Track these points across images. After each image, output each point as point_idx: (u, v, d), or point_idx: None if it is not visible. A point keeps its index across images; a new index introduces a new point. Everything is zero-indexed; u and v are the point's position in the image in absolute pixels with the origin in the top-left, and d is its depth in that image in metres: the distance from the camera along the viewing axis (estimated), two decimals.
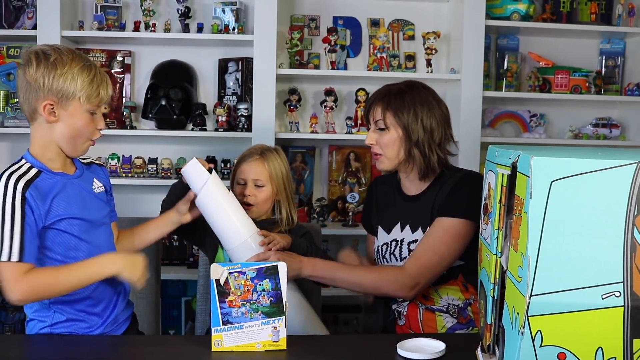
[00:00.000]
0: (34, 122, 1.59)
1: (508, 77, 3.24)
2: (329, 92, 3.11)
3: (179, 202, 1.82)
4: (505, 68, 3.28)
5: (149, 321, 2.10)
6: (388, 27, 3.25)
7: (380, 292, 1.87)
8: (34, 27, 2.91)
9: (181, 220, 1.83)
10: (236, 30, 3.00)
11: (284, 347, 1.48)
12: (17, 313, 2.83)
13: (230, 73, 3.14)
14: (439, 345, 1.47)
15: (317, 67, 3.18)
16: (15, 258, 1.49)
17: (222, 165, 3.05)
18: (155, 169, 3.02)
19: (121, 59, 3.15)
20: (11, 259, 1.49)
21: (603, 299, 1.05)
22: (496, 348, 1.27)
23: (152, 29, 2.99)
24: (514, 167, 1.17)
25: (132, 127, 3.05)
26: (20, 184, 1.51)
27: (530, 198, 1.06)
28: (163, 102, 2.99)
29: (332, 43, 3.05)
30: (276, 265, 1.48)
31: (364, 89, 3.11)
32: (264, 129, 2.93)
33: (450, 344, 1.48)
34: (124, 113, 3.05)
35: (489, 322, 1.28)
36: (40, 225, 1.54)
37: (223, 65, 3.16)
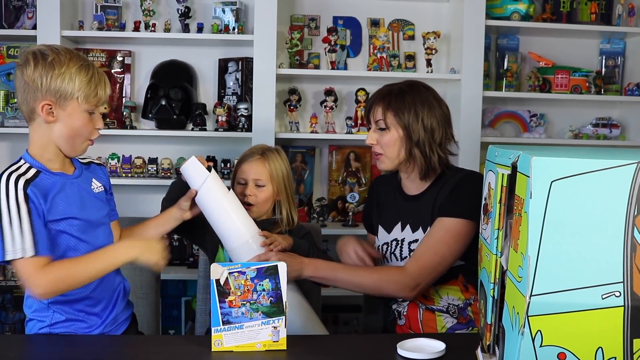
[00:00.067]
0: (33, 123, 1.59)
1: (508, 77, 3.23)
2: (329, 92, 3.11)
3: (181, 199, 1.82)
4: (505, 68, 3.27)
5: (149, 321, 2.10)
6: (388, 27, 3.25)
7: (381, 292, 1.87)
8: (34, 27, 2.90)
9: (183, 217, 1.83)
10: (236, 30, 3.00)
11: (284, 347, 1.48)
12: (17, 313, 2.83)
13: (230, 73, 3.14)
14: (439, 345, 1.47)
15: (317, 67, 3.18)
16: (30, 253, 1.49)
17: (222, 165, 3.05)
18: (155, 168, 3.02)
19: (121, 59, 3.15)
20: (26, 255, 1.49)
21: (603, 299, 1.05)
22: (496, 348, 1.27)
23: (152, 29, 2.99)
24: (514, 167, 1.17)
25: (132, 127, 3.05)
26: (20, 182, 1.51)
27: (530, 198, 1.06)
28: (163, 102, 2.99)
29: (332, 43, 3.05)
30: (276, 265, 1.48)
31: (364, 89, 3.11)
32: (264, 129, 2.93)
33: (450, 344, 1.48)
34: (124, 113, 3.05)
35: (489, 322, 1.28)
36: (44, 221, 1.54)
37: (223, 65, 3.16)
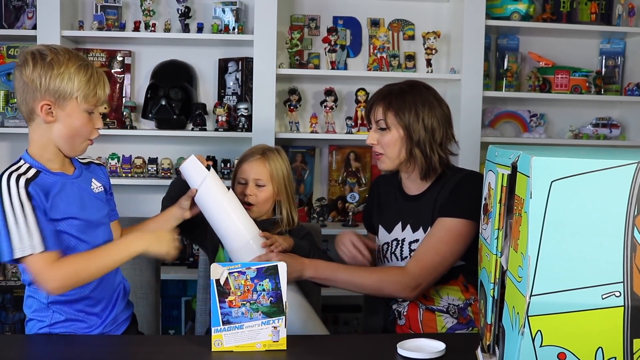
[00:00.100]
0: (32, 123, 1.58)
1: (508, 77, 3.23)
2: (329, 92, 3.11)
3: (182, 198, 1.82)
4: (505, 68, 3.27)
5: (149, 321, 2.09)
6: (388, 27, 3.25)
7: (382, 293, 1.87)
8: (34, 27, 2.90)
9: (183, 216, 1.83)
10: (236, 30, 3.00)
11: (284, 347, 1.48)
12: (17, 313, 2.83)
13: (230, 73, 3.14)
14: (439, 345, 1.47)
15: (317, 67, 3.18)
16: (39, 249, 1.49)
17: (222, 165, 3.05)
18: (155, 168, 3.02)
19: (121, 59, 3.15)
20: (35, 251, 1.49)
21: (603, 299, 1.05)
22: (496, 348, 1.27)
23: (152, 29, 2.99)
24: (514, 167, 1.17)
25: (132, 127, 3.05)
26: (21, 181, 1.51)
27: (530, 198, 1.06)
28: (163, 102, 2.99)
29: (332, 43, 3.05)
30: (276, 265, 1.48)
31: (364, 89, 3.10)
32: (264, 129, 2.93)
33: (450, 344, 1.48)
34: (124, 113, 3.05)
35: (489, 322, 1.28)
36: (47, 219, 1.54)
37: (223, 65, 3.16)
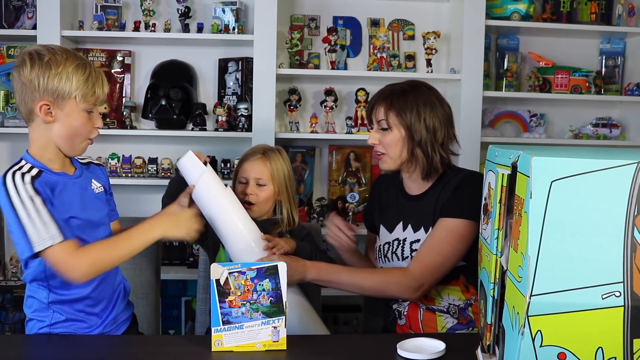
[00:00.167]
0: (32, 123, 1.59)
1: (508, 77, 3.23)
2: (329, 92, 3.10)
3: (180, 195, 1.80)
4: (505, 68, 3.27)
5: (149, 321, 2.09)
6: (388, 27, 3.25)
7: (384, 294, 1.87)
8: (34, 27, 2.90)
9: None
10: (236, 30, 3.00)
11: (284, 347, 1.48)
12: (17, 313, 2.82)
13: (230, 73, 3.14)
14: (439, 345, 1.47)
15: (317, 67, 3.18)
16: (59, 239, 1.49)
17: (222, 165, 3.05)
18: (155, 168, 3.02)
19: (121, 59, 3.15)
20: (55, 241, 1.49)
21: (603, 299, 1.05)
22: (496, 348, 1.27)
23: (152, 29, 2.99)
24: (514, 167, 1.17)
25: (132, 127, 3.05)
26: (26, 177, 1.52)
27: (531, 198, 1.06)
28: (163, 102, 2.99)
29: (332, 43, 3.05)
30: (276, 265, 1.48)
31: (364, 89, 3.10)
32: (264, 129, 2.93)
33: (450, 344, 1.48)
34: (124, 113, 3.05)
35: (489, 322, 1.28)
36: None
37: (223, 65, 3.16)
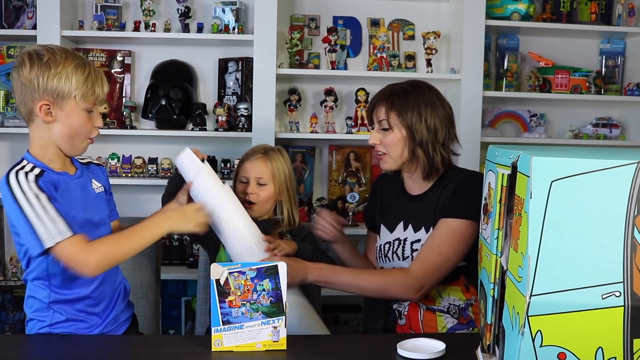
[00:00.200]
0: (32, 124, 1.59)
1: (508, 77, 3.23)
2: (329, 92, 3.10)
3: (179, 193, 1.81)
4: (505, 68, 3.27)
5: (149, 321, 2.10)
6: (388, 27, 3.25)
7: (386, 295, 1.87)
8: (34, 27, 2.90)
9: None
10: (236, 30, 3.00)
11: (284, 347, 1.48)
12: (17, 313, 2.83)
13: (230, 73, 3.14)
14: (439, 345, 1.47)
15: (317, 67, 3.18)
16: (68, 234, 1.50)
17: (222, 165, 3.05)
18: (155, 168, 3.02)
19: (121, 59, 3.15)
20: (65, 236, 1.49)
21: (603, 299, 1.05)
22: (496, 348, 1.27)
23: (152, 28, 2.99)
24: (514, 167, 1.17)
25: (132, 127, 3.05)
26: (30, 176, 1.52)
27: (531, 198, 1.06)
28: (163, 102, 2.99)
29: (332, 43, 3.05)
30: (276, 265, 1.48)
31: (364, 89, 3.10)
32: (264, 129, 2.93)
33: (450, 344, 1.48)
34: (124, 113, 3.05)
35: (489, 322, 1.28)
36: None
37: (223, 65, 3.16)
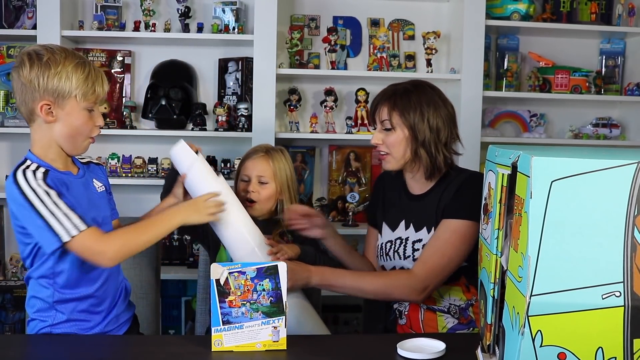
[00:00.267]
0: (33, 124, 1.58)
1: (508, 77, 3.23)
2: (329, 92, 3.10)
3: (174, 187, 1.81)
4: (505, 68, 3.27)
5: (149, 321, 2.10)
6: (388, 27, 3.25)
7: (390, 297, 1.87)
8: (34, 27, 2.90)
9: None
10: (236, 30, 3.00)
11: (284, 347, 1.48)
12: (17, 313, 2.83)
13: (230, 73, 3.14)
14: (439, 345, 1.47)
15: (317, 67, 3.18)
16: (83, 227, 1.50)
17: (222, 165, 3.05)
18: (155, 168, 3.02)
19: (121, 58, 3.15)
20: (80, 229, 1.50)
21: (603, 299, 1.05)
22: (496, 348, 1.27)
23: (152, 28, 2.99)
24: (514, 167, 1.17)
25: (132, 127, 3.05)
26: (38, 173, 1.52)
27: (531, 198, 1.06)
28: (163, 102, 2.99)
29: (332, 43, 3.05)
30: (276, 265, 1.48)
31: (364, 89, 3.11)
32: (264, 129, 2.93)
33: (451, 344, 1.48)
34: (124, 113, 3.05)
35: (489, 322, 1.28)
36: None
37: (223, 65, 3.16)
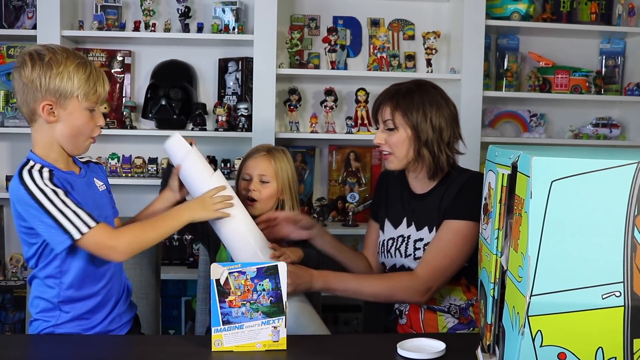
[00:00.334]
0: (34, 124, 1.58)
1: (508, 77, 3.23)
2: (329, 92, 3.11)
3: (170, 179, 1.80)
4: (505, 68, 3.27)
5: (149, 321, 2.10)
6: (388, 27, 3.25)
7: (394, 299, 1.87)
8: (34, 27, 2.90)
9: (175, 198, 1.81)
10: (236, 30, 3.00)
11: (284, 347, 1.48)
12: (17, 313, 2.83)
13: (230, 73, 3.14)
14: (439, 345, 1.47)
15: (317, 67, 3.18)
16: (93, 224, 1.51)
17: (222, 165, 3.05)
18: (155, 168, 3.02)
19: (121, 58, 3.15)
20: (91, 226, 1.50)
21: (603, 299, 1.05)
22: (496, 348, 1.27)
23: (152, 28, 2.99)
24: (514, 167, 1.17)
25: (132, 127, 3.05)
26: (44, 173, 1.52)
27: (531, 198, 1.06)
28: (163, 102, 2.99)
29: (332, 43, 3.05)
30: (276, 265, 1.48)
31: (364, 89, 3.11)
32: (264, 129, 2.93)
33: (451, 344, 1.48)
34: (124, 113, 3.05)
35: (489, 322, 1.28)
36: None
37: (223, 65, 3.16)
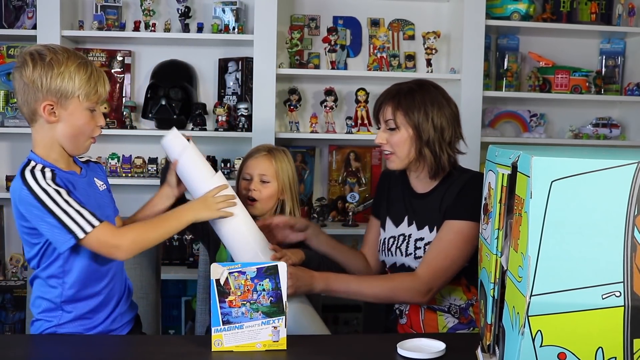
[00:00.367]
0: (35, 124, 1.58)
1: (508, 77, 3.23)
2: (329, 92, 3.11)
3: (167, 174, 1.80)
4: (505, 68, 3.27)
5: (149, 321, 2.10)
6: (388, 27, 3.25)
7: (395, 300, 1.87)
8: (34, 27, 2.90)
9: (175, 193, 1.81)
10: (236, 30, 3.00)
11: (284, 347, 1.48)
12: (17, 313, 2.83)
13: (230, 73, 3.14)
14: (439, 345, 1.47)
15: (317, 67, 3.18)
16: (96, 223, 1.51)
17: (222, 165, 3.05)
18: (155, 168, 3.02)
19: (121, 58, 3.15)
20: (94, 224, 1.51)
21: (603, 299, 1.05)
22: (496, 348, 1.27)
23: (152, 28, 2.99)
24: (514, 167, 1.17)
25: (132, 127, 3.05)
26: (47, 173, 1.52)
27: (531, 198, 1.06)
28: (163, 102, 2.99)
29: (332, 43, 3.05)
30: (276, 265, 1.48)
31: (364, 89, 3.11)
32: (264, 129, 2.93)
33: (451, 344, 1.48)
34: (124, 113, 3.05)
35: (489, 322, 1.28)
36: None
37: (223, 65, 3.16)
